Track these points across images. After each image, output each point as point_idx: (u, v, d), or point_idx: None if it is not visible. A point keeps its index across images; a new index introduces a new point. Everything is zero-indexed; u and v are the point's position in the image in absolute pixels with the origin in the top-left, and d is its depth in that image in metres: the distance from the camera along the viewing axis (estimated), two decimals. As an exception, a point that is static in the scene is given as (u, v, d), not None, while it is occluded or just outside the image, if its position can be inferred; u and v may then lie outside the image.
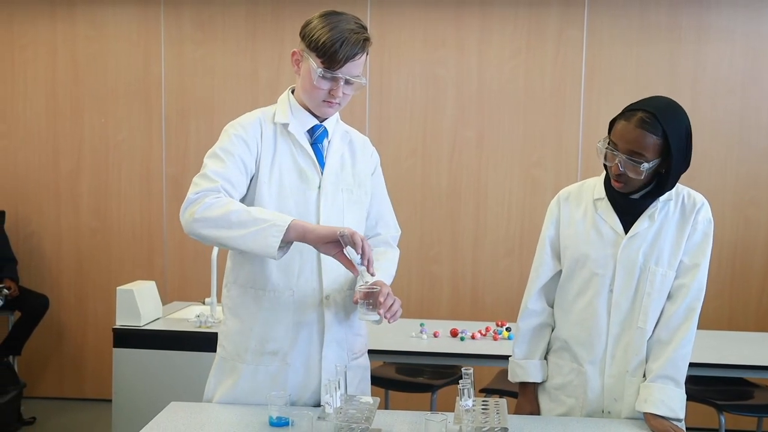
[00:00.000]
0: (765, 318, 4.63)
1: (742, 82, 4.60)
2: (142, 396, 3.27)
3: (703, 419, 4.19)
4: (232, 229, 1.83)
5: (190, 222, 1.89)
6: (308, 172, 2.01)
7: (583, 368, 2.09)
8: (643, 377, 2.04)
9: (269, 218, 1.83)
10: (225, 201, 1.87)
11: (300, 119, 2.03)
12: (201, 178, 1.93)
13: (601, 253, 2.06)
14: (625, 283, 2.04)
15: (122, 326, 3.36)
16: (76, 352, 5.05)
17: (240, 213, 1.84)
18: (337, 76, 1.92)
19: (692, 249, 2.04)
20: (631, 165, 1.93)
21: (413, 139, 4.79)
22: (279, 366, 2.01)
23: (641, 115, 1.94)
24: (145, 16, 4.89)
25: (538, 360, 2.18)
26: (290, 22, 4.76)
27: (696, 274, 2.03)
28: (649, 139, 1.92)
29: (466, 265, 4.78)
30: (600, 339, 2.06)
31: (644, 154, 1.92)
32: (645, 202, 2.04)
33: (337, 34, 1.89)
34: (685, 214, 2.05)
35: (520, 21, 4.69)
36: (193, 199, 1.89)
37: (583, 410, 2.09)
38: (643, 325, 2.03)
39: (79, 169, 4.98)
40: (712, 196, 4.58)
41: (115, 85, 4.93)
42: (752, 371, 3.18)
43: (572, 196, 2.17)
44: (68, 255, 5.01)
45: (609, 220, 2.07)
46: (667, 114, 1.95)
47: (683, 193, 2.09)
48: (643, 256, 2.03)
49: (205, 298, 3.76)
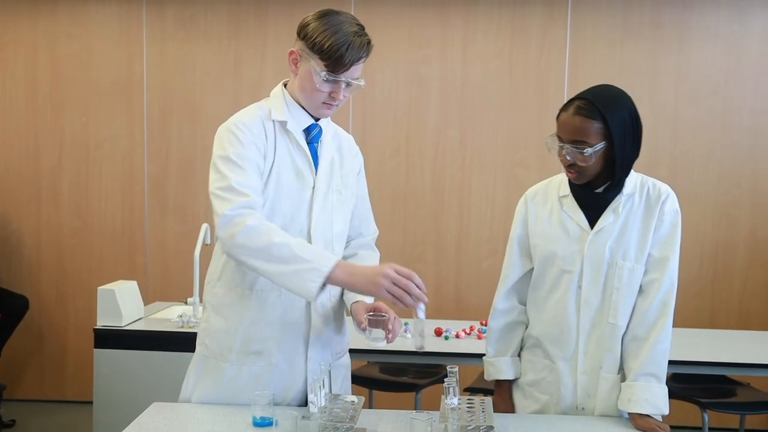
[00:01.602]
0: (746, 316, 4.67)
1: (724, 82, 4.63)
2: (123, 397, 3.24)
3: (687, 417, 4.21)
4: (272, 263, 1.79)
5: (230, 245, 1.84)
6: (304, 172, 1.99)
7: (556, 365, 2.09)
8: (617, 373, 2.04)
9: (311, 258, 1.79)
10: (267, 229, 1.82)
11: (297, 117, 2.00)
12: (228, 191, 1.87)
13: (568, 249, 2.06)
14: (593, 279, 2.04)
15: (103, 327, 3.32)
16: (56, 353, 5.00)
17: (281, 247, 1.79)
18: (340, 79, 1.91)
19: (660, 241, 2.03)
20: (577, 153, 1.94)
21: (397, 138, 4.79)
22: (263, 366, 1.99)
23: (578, 103, 1.97)
24: (127, 14, 4.84)
25: (510, 357, 2.19)
26: (273, 20, 4.73)
27: (666, 268, 2.02)
28: (588, 124, 1.93)
29: (450, 264, 4.78)
30: (571, 336, 2.06)
31: (586, 140, 1.94)
32: (609, 196, 2.04)
33: (342, 37, 1.86)
34: (651, 206, 2.04)
35: (504, 20, 4.69)
36: (231, 216, 1.83)
37: (557, 407, 2.09)
38: (614, 320, 2.02)
39: (60, 167, 4.93)
40: (694, 195, 4.67)
41: (96, 84, 4.88)
42: (735, 369, 3.20)
43: (539, 195, 2.17)
44: (48, 255, 4.96)
45: (575, 216, 2.07)
46: (604, 99, 1.96)
47: (648, 184, 2.08)
48: (610, 251, 2.02)
49: (188, 298, 3.73)
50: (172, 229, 4.90)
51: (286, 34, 4.71)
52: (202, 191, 4.85)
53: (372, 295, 1.83)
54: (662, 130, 4.64)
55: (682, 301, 4.63)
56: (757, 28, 4.60)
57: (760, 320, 4.65)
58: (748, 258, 4.67)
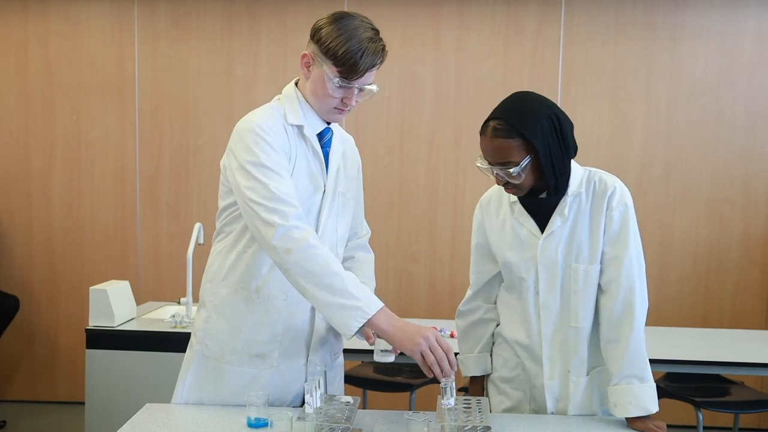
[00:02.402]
0: (739, 315, 4.68)
1: (717, 82, 4.63)
2: (116, 398, 3.21)
3: (681, 416, 4.22)
4: (321, 289, 1.76)
5: (285, 259, 1.79)
6: (318, 176, 1.97)
7: (526, 366, 2.09)
8: (587, 375, 2.02)
9: (360, 297, 1.76)
10: (326, 256, 1.79)
11: (311, 121, 1.97)
12: (274, 201, 1.80)
13: (522, 256, 2.04)
14: (548, 284, 2.01)
15: (95, 327, 3.30)
16: (47, 353, 4.96)
17: (335, 277, 1.76)
18: (353, 86, 1.88)
19: (612, 239, 1.97)
20: (506, 173, 1.91)
21: (391, 137, 4.77)
22: (264, 369, 1.98)
23: (492, 124, 1.92)
24: (119, 12, 4.81)
25: (477, 354, 2.21)
26: (266, 19, 4.71)
27: (621, 267, 1.95)
28: (507, 144, 1.89)
29: (444, 263, 4.77)
30: (534, 341, 2.05)
31: (510, 160, 1.90)
32: (553, 200, 1.99)
33: (356, 44, 1.82)
34: (598, 203, 1.98)
35: (498, 19, 4.69)
36: (289, 228, 1.78)
37: (530, 404, 2.09)
38: (576, 323, 2.00)
39: (51, 167, 4.89)
40: (687, 194, 4.68)
41: (87, 82, 4.85)
42: (729, 368, 3.20)
43: (492, 202, 2.16)
44: (40, 255, 4.92)
45: (525, 223, 2.04)
46: (515, 113, 1.90)
47: (595, 179, 2.01)
48: (562, 254, 1.99)
49: (181, 297, 3.71)
50: (165, 228, 4.88)
51: (279, 33, 4.70)
52: (195, 190, 4.83)
53: (404, 350, 1.78)
54: (655, 129, 4.64)
55: (675, 299, 4.69)
56: (750, 28, 4.60)
57: (753, 319, 4.67)
58: (741, 257, 4.67)
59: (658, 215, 4.67)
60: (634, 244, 1.97)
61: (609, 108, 4.64)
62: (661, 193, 4.63)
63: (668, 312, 4.59)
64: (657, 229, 4.66)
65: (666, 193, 4.66)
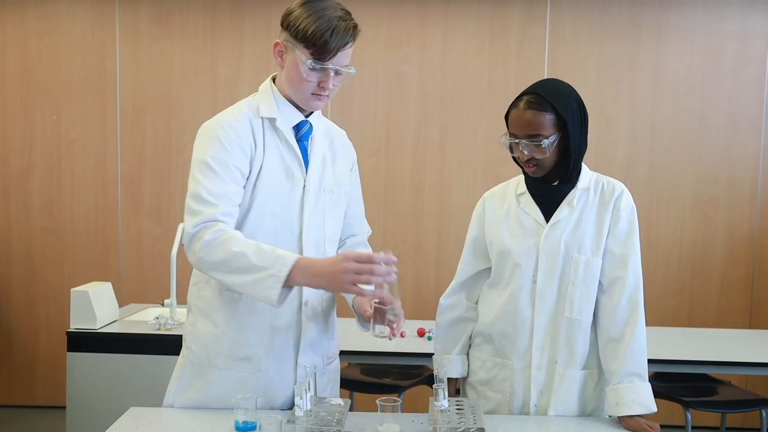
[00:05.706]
0: (724, 314, 4.69)
1: (701, 82, 4.65)
2: (98, 402, 3.16)
3: (669, 416, 4.21)
4: (234, 274, 1.76)
5: (195, 262, 1.83)
6: (294, 171, 1.93)
7: (509, 361, 2.07)
8: (574, 369, 2.02)
9: (267, 265, 1.73)
10: (223, 239, 1.76)
11: (286, 114, 1.93)
12: (197, 201, 1.81)
13: (524, 244, 2.06)
14: (548, 272, 2.03)
15: (76, 329, 3.25)
16: (26, 357, 4.88)
17: (239, 257, 1.74)
18: (327, 67, 1.83)
19: (620, 238, 2.03)
20: (534, 146, 1.97)
21: (376, 137, 4.74)
22: (252, 372, 1.93)
23: (527, 98, 1.99)
24: (99, 11, 4.74)
25: (456, 355, 2.19)
26: (250, 17, 4.66)
27: (629, 265, 2.01)
28: (540, 116, 1.96)
29: (430, 264, 4.74)
30: (524, 331, 2.05)
31: (541, 132, 1.96)
32: (564, 189, 2.06)
33: (325, 23, 1.79)
34: (605, 201, 2.06)
35: (483, 18, 4.67)
36: (193, 233, 1.80)
37: (510, 405, 2.08)
38: (570, 314, 2.01)
39: (30, 167, 4.81)
40: (672, 194, 4.69)
41: (68, 81, 4.77)
42: (716, 367, 3.21)
43: (497, 195, 2.21)
44: (18, 256, 4.84)
45: (531, 211, 2.09)
46: (550, 90, 1.99)
47: (602, 181, 2.10)
48: (565, 244, 2.02)
49: (164, 299, 3.66)
50: (147, 229, 4.81)
51: (263, 31, 4.65)
52: (178, 191, 4.77)
53: (338, 292, 1.78)
54: (640, 129, 4.65)
55: (660, 299, 4.69)
56: (734, 29, 4.62)
57: (738, 317, 4.69)
58: (725, 256, 4.69)
59: (642, 215, 4.62)
60: (638, 246, 2.05)
61: (594, 108, 4.64)
62: (645, 193, 4.63)
63: (654, 312, 4.56)
64: (642, 229, 4.59)
65: (650, 193, 4.67)
